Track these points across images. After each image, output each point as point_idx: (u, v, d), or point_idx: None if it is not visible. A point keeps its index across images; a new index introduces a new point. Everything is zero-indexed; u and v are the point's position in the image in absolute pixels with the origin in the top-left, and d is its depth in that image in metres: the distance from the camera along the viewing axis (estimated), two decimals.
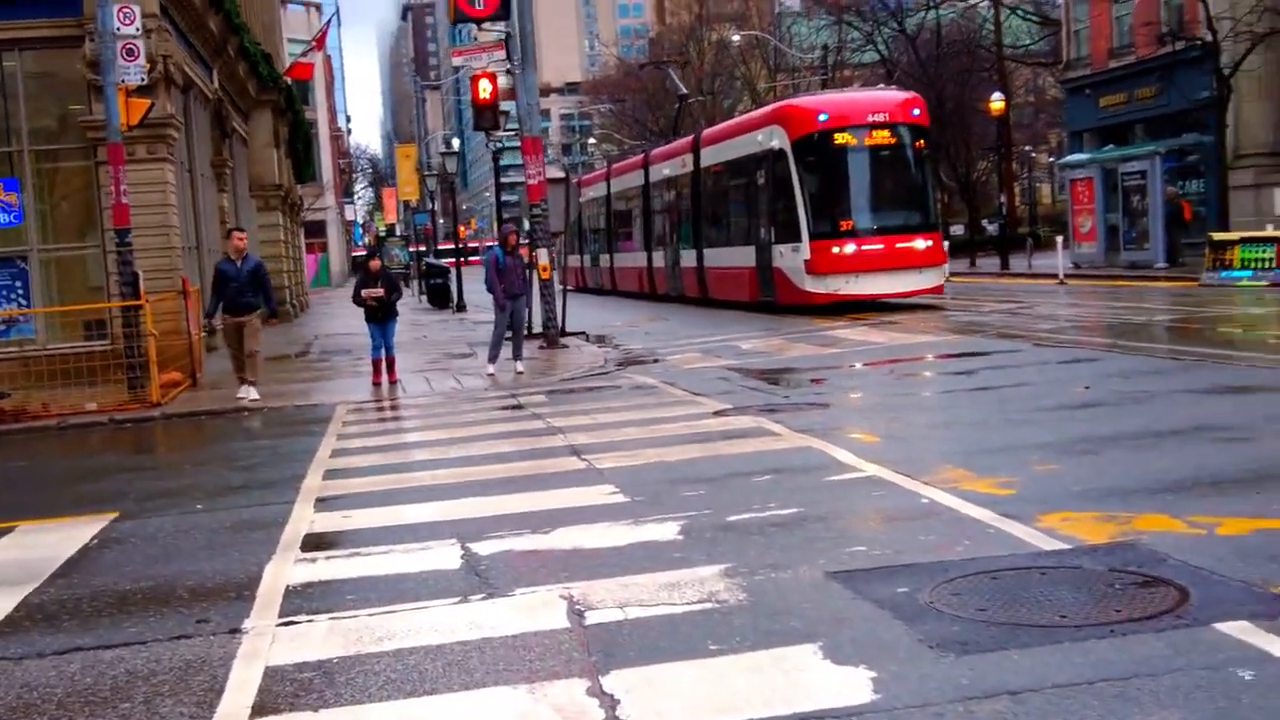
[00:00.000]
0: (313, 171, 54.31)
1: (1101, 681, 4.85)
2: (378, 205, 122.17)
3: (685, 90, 52.25)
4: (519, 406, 15.07)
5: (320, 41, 45.05)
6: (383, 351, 17.73)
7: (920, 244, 24.82)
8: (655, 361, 19.40)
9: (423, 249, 65.42)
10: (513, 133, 30.11)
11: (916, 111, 25.52)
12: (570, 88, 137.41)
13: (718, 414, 13.00)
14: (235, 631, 6.36)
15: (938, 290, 25.66)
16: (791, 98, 31.69)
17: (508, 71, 23.98)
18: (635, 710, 4.89)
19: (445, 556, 7.56)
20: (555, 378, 18.00)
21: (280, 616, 6.57)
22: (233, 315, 16.56)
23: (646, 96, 78.87)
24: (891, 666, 5.13)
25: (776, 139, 25.58)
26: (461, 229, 76.03)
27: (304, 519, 9.12)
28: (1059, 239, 37.57)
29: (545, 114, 29.41)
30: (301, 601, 6.84)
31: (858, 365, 17.15)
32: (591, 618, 6.09)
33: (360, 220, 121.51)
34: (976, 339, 19.40)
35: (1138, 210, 36.45)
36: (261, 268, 17.09)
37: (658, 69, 64.22)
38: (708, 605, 6.15)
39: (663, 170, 37.11)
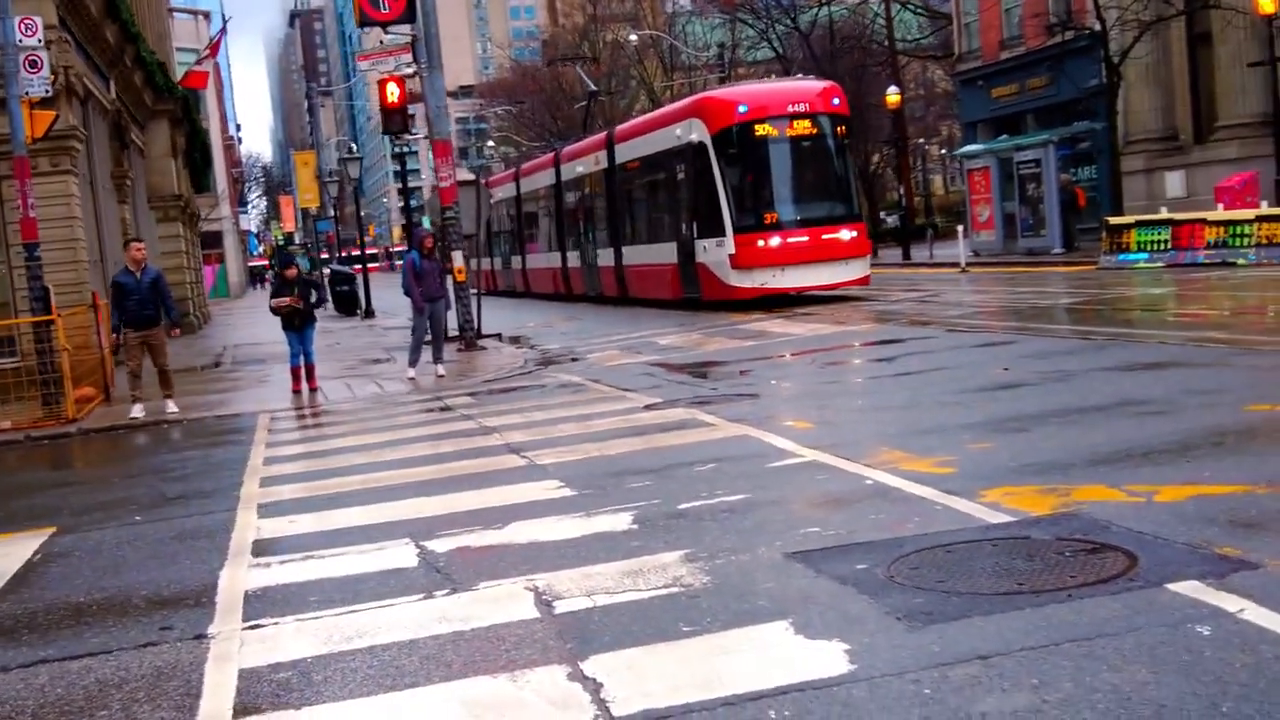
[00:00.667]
0: (209, 181, 53.49)
1: (1068, 643, 4.99)
2: (274, 214, 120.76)
3: (595, 87, 51.86)
4: (447, 408, 15.03)
5: (214, 49, 44.38)
6: (301, 359, 17.47)
7: (845, 235, 24.30)
8: (575, 360, 19.44)
9: (325, 255, 64.92)
10: (418, 136, 29.72)
11: (836, 100, 25.00)
12: (464, 91, 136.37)
13: (649, 408, 13.07)
14: (201, 637, 6.32)
15: (864, 281, 25.23)
16: (709, 90, 30.58)
17: (414, 74, 23.90)
18: (620, 692, 4.95)
19: (401, 555, 7.56)
20: (477, 379, 17.96)
21: (245, 621, 6.53)
22: (135, 329, 16.01)
23: (545, 98, 78.93)
24: (863, 639, 5.25)
25: (696, 132, 24.95)
26: (362, 236, 75.33)
27: (249, 525, 9.04)
28: (959, 228, 38.13)
29: (447, 118, 29.12)
30: (263, 605, 6.79)
31: (779, 356, 17.29)
32: (560, 607, 6.14)
33: (255, 230, 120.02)
34: (890, 327, 19.75)
35: (1034, 198, 37.17)
36: (161, 279, 16.55)
37: (563, 66, 64.31)
38: (674, 590, 6.23)
39: (576, 168, 36.16)
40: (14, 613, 7.22)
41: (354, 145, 69.71)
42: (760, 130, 23.86)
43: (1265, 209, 26.80)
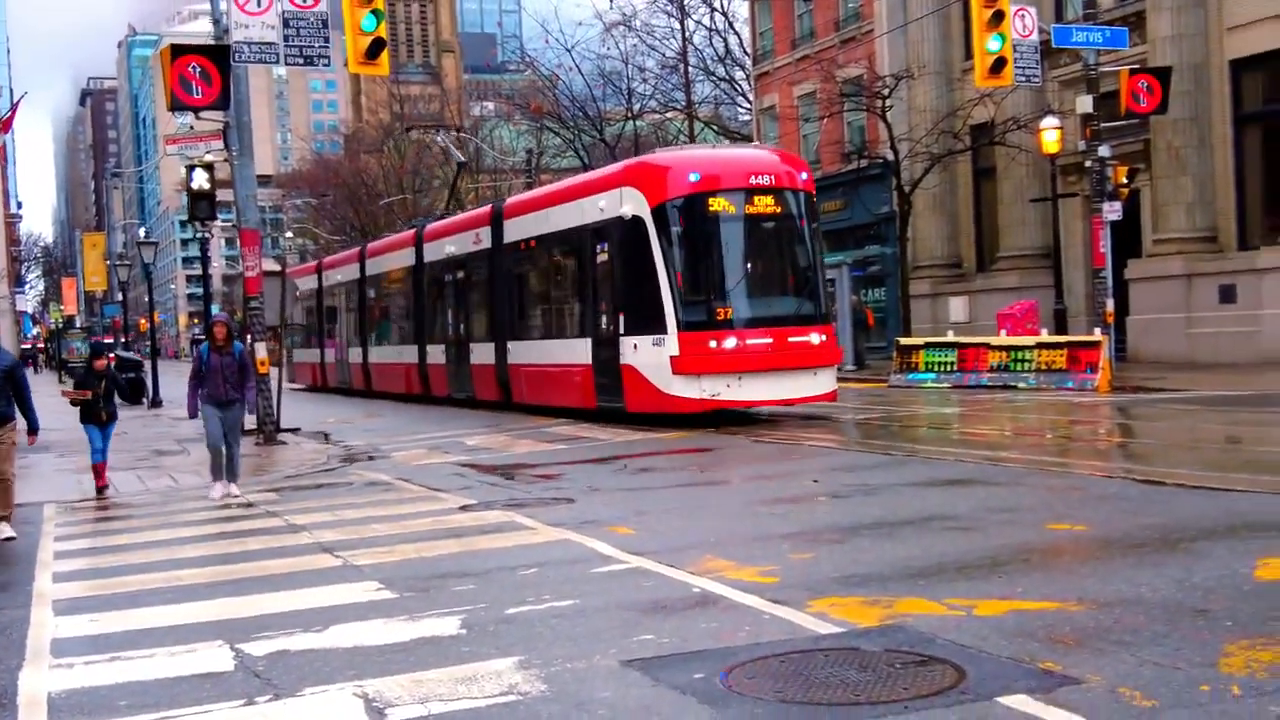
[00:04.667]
0: None
1: None
2: (55, 295, 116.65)
3: (463, 158, 50.23)
4: (250, 504, 14.47)
5: (6, 125, 42.65)
6: (104, 456, 16.26)
7: (815, 338, 19.78)
8: (382, 458, 19.01)
9: (109, 340, 62.94)
10: (224, 224, 28.97)
11: (804, 176, 20.75)
12: (263, 180, 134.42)
13: (464, 508, 12.87)
14: None
15: (832, 397, 20.82)
16: (648, 154, 24.31)
17: (225, 160, 23.47)
18: None
19: (216, 658, 7.16)
20: (279, 474, 17.46)
21: None
22: None
23: (347, 192, 78.16)
24: None
25: (629, 204, 20.00)
26: (146, 323, 73.38)
27: (45, 624, 8.51)
28: None
29: (256, 208, 27.53)
30: (70, 711, 6.36)
31: (587, 460, 17.13)
32: (393, 715, 5.91)
33: (32, 311, 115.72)
34: (694, 435, 19.63)
35: None
36: (18, 367, 13.54)
37: (364, 161, 63.24)
38: (511, 698, 6.06)
39: (445, 248, 31.01)
40: None
41: (146, 230, 68.32)
42: (715, 205, 19.41)
43: (1045, 336, 27.92)
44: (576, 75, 54.76)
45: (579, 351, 22.35)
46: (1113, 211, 26.61)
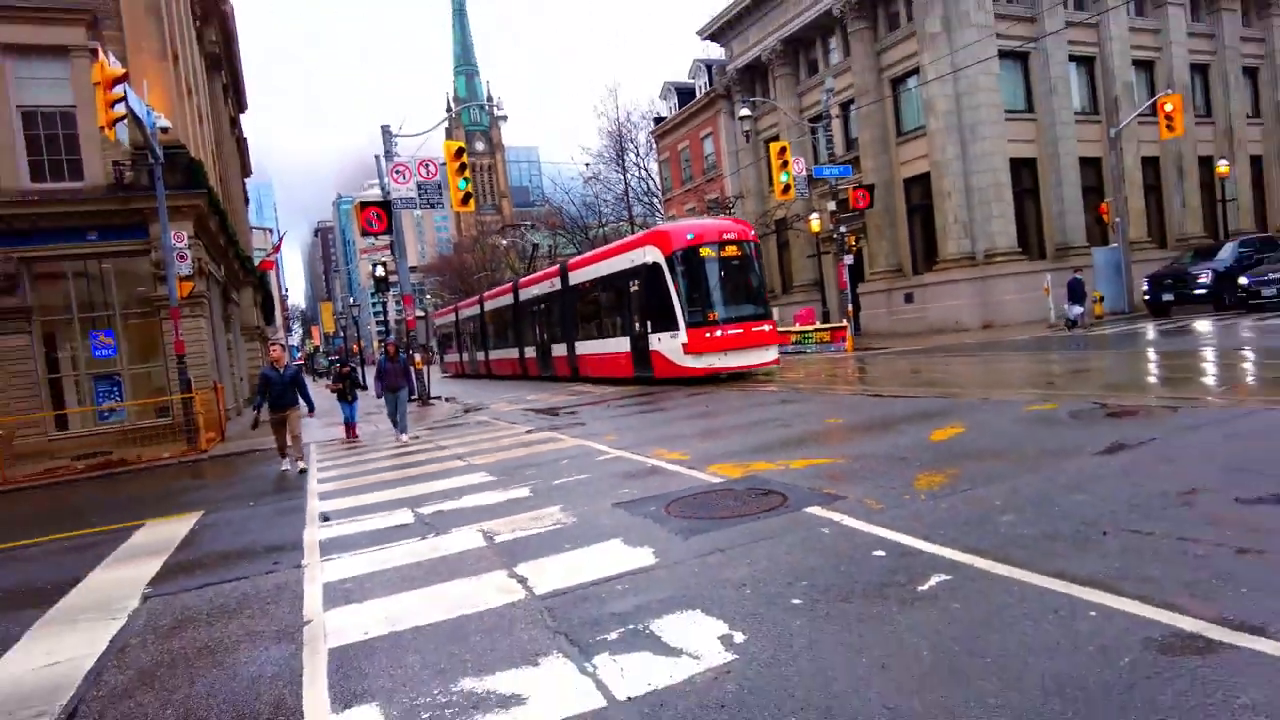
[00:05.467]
0: (273, 318, 50.79)
1: (762, 540, 5.14)
2: (307, 335, 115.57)
3: (536, 244, 49.94)
4: (415, 436, 14.29)
5: (276, 249, 42.74)
6: (353, 419, 15.73)
7: (765, 328, 18.74)
8: (485, 409, 18.83)
9: (336, 357, 62.12)
10: (393, 294, 28.57)
11: (752, 233, 19.28)
12: (412, 269, 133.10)
13: (529, 432, 12.73)
14: (298, 566, 5.96)
15: (776, 363, 19.44)
16: (660, 225, 23.13)
17: (391, 259, 23.32)
18: (536, 580, 4.89)
19: (404, 517, 7.19)
20: (431, 420, 17.24)
21: (321, 556, 6.15)
22: (277, 410, 11.80)
23: (455, 273, 77.57)
24: (660, 545, 5.30)
25: (652, 255, 18.96)
26: (356, 346, 72.48)
27: (315, 505, 8.40)
28: None
29: (411, 284, 27.51)
30: (331, 548, 6.37)
31: (594, 404, 16.87)
32: (498, 539, 5.99)
33: (296, 344, 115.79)
34: (642, 387, 19.58)
35: None
36: (300, 373, 12.53)
37: (465, 255, 62.33)
38: (559, 525, 6.15)
39: (532, 291, 28.40)
40: (187, 559, 6.68)
41: (354, 299, 67.35)
42: (704, 252, 18.33)
43: (818, 325, 28.01)
44: (570, 205, 54.38)
45: (622, 344, 21.03)
46: (848, 259, 26.68)
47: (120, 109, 13.17)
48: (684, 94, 46.79)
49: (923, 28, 28.17)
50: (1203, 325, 18.98)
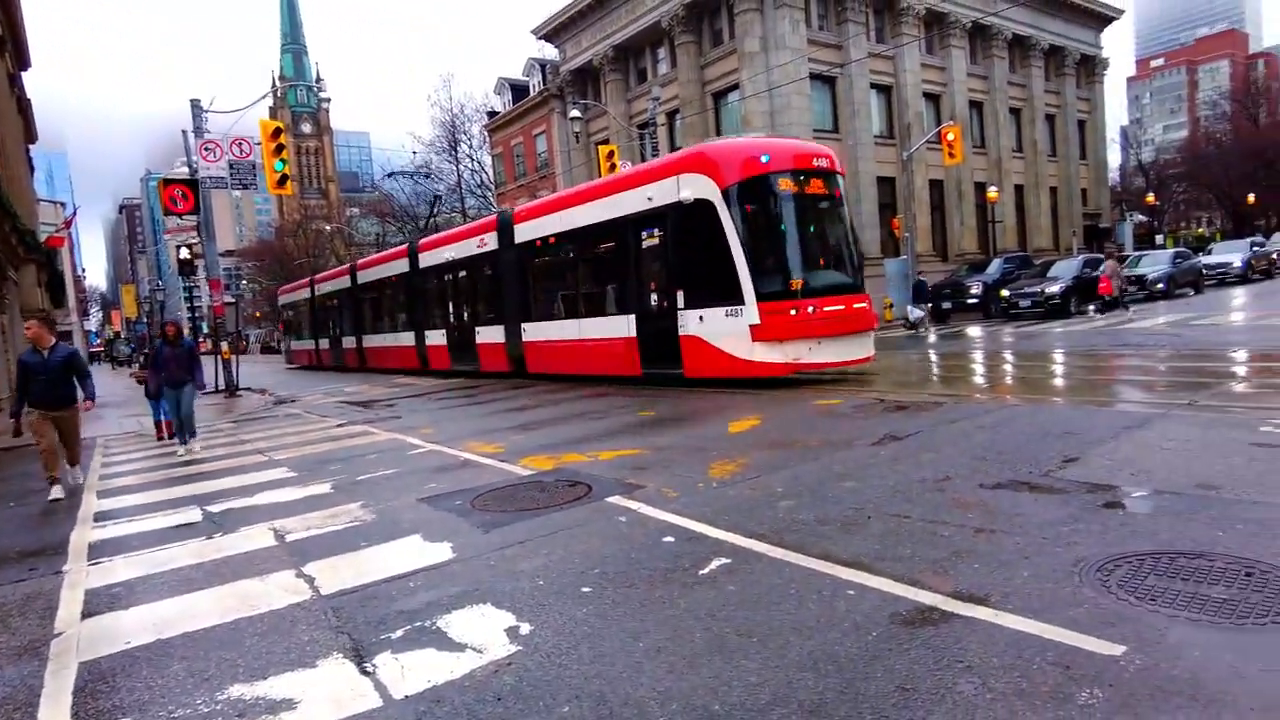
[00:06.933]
0: (64, 300, 45.35)
1: (561, 531, 5.12)
2: (106, 320, 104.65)
3: (307, 254, 47.00)
4: (218, 429, 13.11)
5: (67, 224, 38.36)
6: (164, 415, 12.55)
7: (864, 304, 12.11)
8: (295, 401, 17.73)
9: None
10: (201, 277, 26.22)
11: (838, 164, 12.55)
12: (228, 253, 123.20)
13: (340, 425, 12.05)
14: (59, 572, 5.31)
15: (872, 358, 12.45)
16: (706, 142, 13.79)
17: (198, 241, 21.40)
18: (325, 580, 4.62)
19: (191, 515, 6.62)
20: (237, 413, 16.01)
21: (89, 560, 5.54)
22: (44, 407, 8.46)
23: (275, 258, 72.66)
24: (460, 540, 5.16)
25: (694, 189, 11.85)
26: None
27: (93, 504, 7.59)
28: None
29: (219, 267, 24.52)
30: (101, 550, 5.77)
31: (411, 397, 16.20)
32: (289, 538, 5.62)
33: (95, 329, 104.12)
34: (461, 381, 19.14)
35: None
36: (76, 356, 8.82)
37: (286, 240, 58.25)
38: (355, 523, 5.84)
39: (443, 254, 19.43)
40: None
41: (161, 282, 61.52)
42: (784, 185, 11.63)
43: None
44: (400, 194, 52.33)
45: (619, 325, 13.76)
46: None
47: None
48: (518, 90, 46.22)
49: (743, 46, 29.36)
50: (974, 330, 21.09)
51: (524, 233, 16.10)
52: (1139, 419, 6.98)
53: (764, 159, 11.67)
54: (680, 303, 12.27)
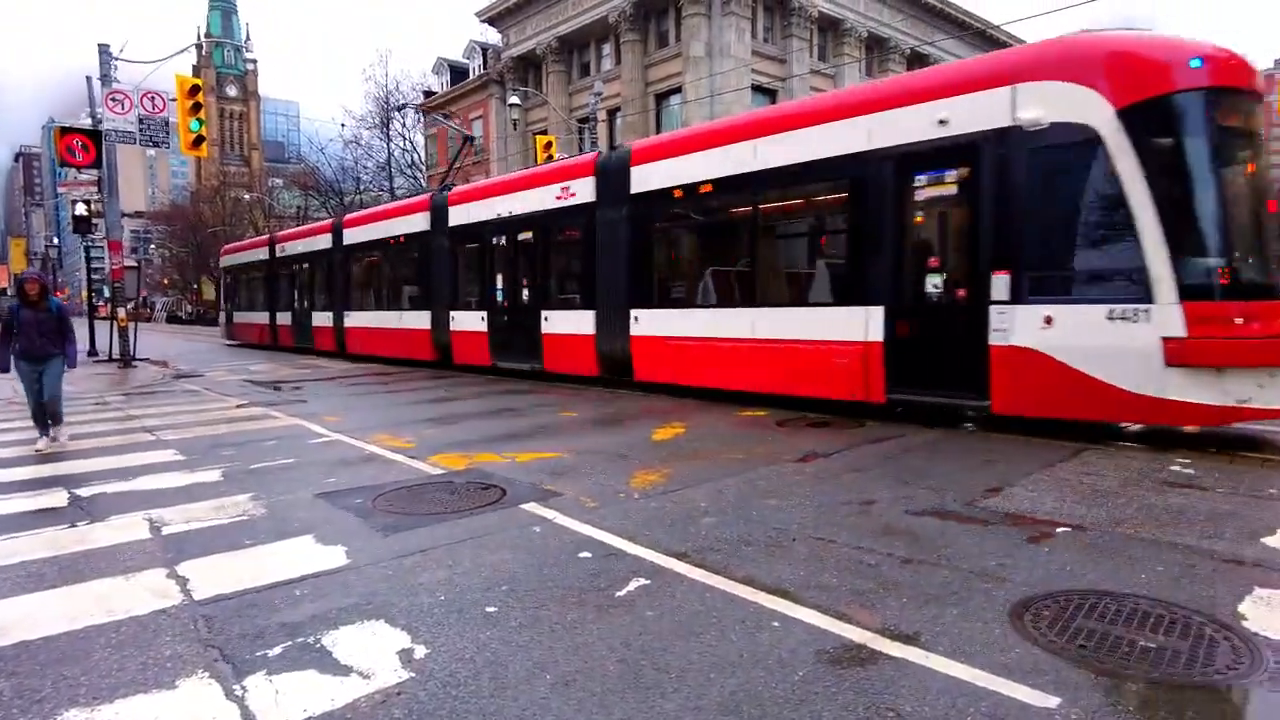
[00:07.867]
0: None
1: (469, 539, 4.76)
2: None
3: (223, 224, 44.63)
4: (105, 403, 12.18)
5: None
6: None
7: None
8: (198, 376, 16.66)
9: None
10: (101, 237, 24.50)
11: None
12: (138, 214, 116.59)
13: (239, 406, 11.29)
14: None
15: None
16: (1078, 32, 6.64)
17: (99, 199, 19.89)
18: (200, 582, 4.12)
19: (56, 499, 5.95)
20: (130, 386, 14.87)
21: None
22: None
23: (189, 224, 68.91)
24: (356, 543, 4.73)
25: (1051, 105, 6.63)
26: (60, 293, 62.20)
27: None
28: None
29: (121, 228, 22.79)
30: None
31: (322, 380, 15.43)
32: (166, 530, 5.07)
33: None
34: (375, 366, 18.46)
35: None
36: None
37: (202, 206, 55.39)
38: (243, 518, 5.33)
39: (494, 207, 14.43)
40: None
41: (57, 239, 57.70)
42: (1227, 114, 6.15)
43: None
44: (327, 168, 50.35)
45: (827, 322, 9.00)
46: None
47: None
48: (458, 73, 45.11)
49: (688, 50, 29.27)
50: None
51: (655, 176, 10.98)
52: None
53: (1193, 63, 6.49)
54: (1002, 292, 7.15)
